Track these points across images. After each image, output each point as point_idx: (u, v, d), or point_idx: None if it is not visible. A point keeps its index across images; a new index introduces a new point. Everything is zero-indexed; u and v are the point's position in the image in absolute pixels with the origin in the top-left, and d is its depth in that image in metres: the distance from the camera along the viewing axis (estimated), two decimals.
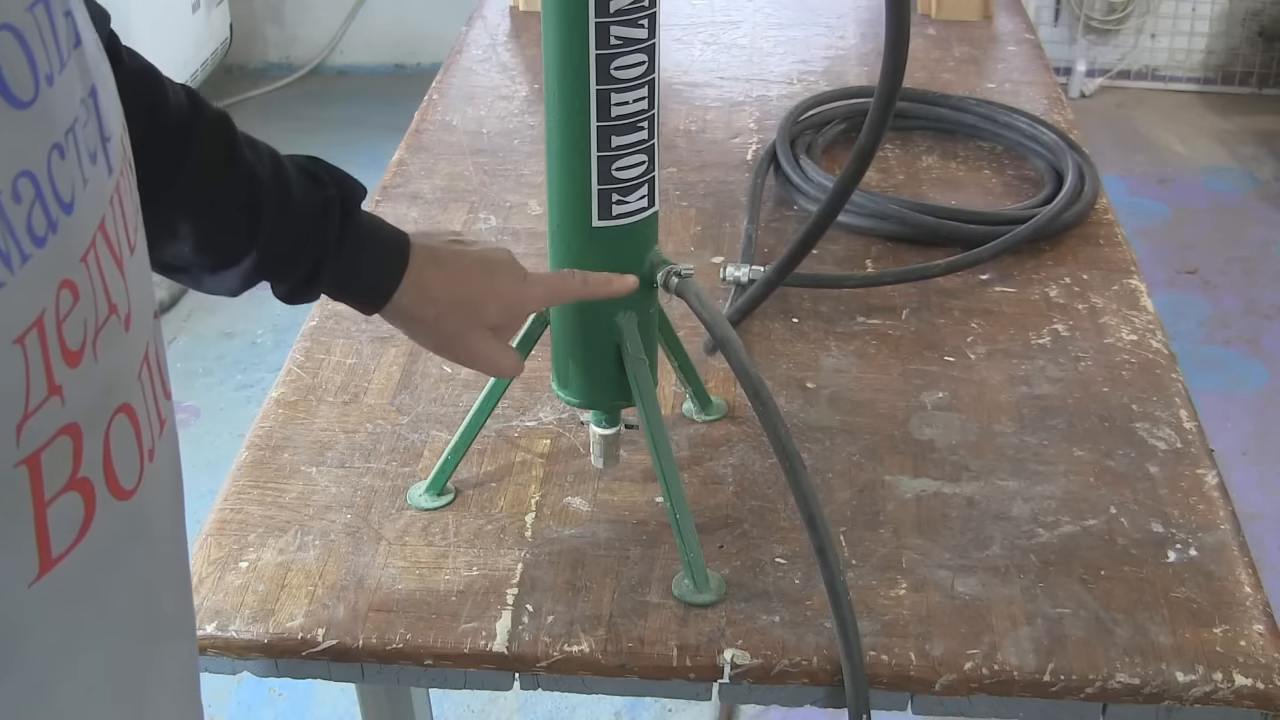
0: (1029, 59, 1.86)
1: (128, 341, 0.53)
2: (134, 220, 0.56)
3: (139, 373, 0.54)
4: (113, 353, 0.51)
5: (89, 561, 0.50)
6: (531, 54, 1.89)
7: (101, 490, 0.50)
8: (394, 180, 1.51)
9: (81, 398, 0.48)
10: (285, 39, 4.26)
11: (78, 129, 0.49)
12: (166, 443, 0.58)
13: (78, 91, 0.50)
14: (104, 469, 0.50)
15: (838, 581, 0.86)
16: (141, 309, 0.55)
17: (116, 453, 0.51)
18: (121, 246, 0.53)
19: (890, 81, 0.91)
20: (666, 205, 1.44)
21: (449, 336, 0.93)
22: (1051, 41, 3.96)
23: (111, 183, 0.52)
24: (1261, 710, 0.86)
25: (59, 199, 0.47)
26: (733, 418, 1.11)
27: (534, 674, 0.90)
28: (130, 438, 0.53)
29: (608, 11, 0.82)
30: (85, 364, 0.48)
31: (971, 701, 0.88)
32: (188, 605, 0.66)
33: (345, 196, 0.88)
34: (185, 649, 0.65)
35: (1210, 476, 1.04)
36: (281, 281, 0.88)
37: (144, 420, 0.54)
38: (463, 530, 1.00)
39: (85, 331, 0.48)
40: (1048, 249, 1.36)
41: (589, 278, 0.93)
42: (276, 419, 1.12)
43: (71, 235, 0.48)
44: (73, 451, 0.48)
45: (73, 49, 0.50)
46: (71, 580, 0.49)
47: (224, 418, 2.64)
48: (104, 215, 0.51)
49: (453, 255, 0.92)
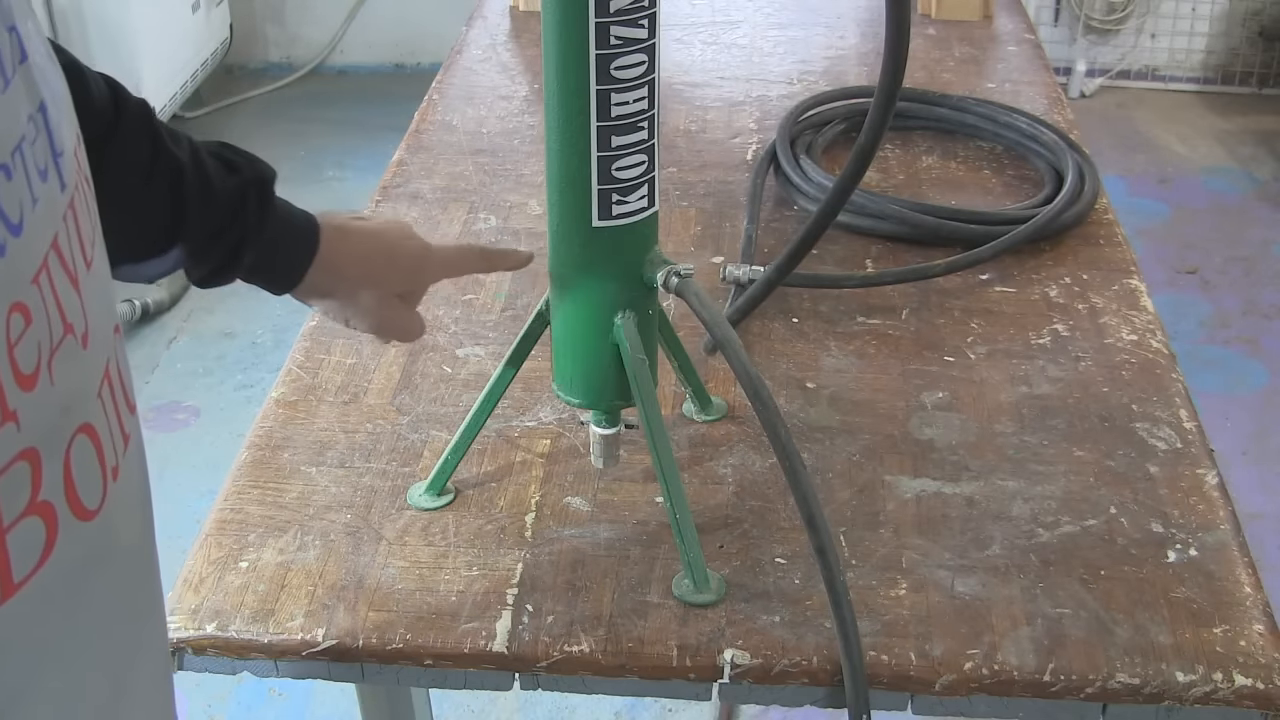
0: (1029, 59, 1.86)
1: (86, 360, 0.51)
2: (91, 235, 0.54)
3: (99, 391, 0.53)
4: (70, 373, 0.49)
5: (54, 584, 0.49)
6: (531, 54, 1.89)
7: (64, 512, 0.49)
8: (394, 180, 1.51)
9: (38, 421, 0.47)
10: (285, 39, 4.26)
11: (25, 147, 0.47)
12: (132, 458, 0.57)
13: (24, 108, 0.48)
14: (65, 491, 0.49)
15: (838, 581, 0.86)
16: (100, 325, 0.53)
17: (78, 474, 0.50)
18: (77, 263, 0.51)
19: (890, 81, 0.91)
20: (666, 205, 1.44)
21: (360, 309, 0.97)
22: (1051, 41, 3.96)
23: (65, 199, 0.51)
24: (1261, 710, 0.86)
25: (5, 221, 0.45)
26: (733, 418, 1.11)
27: (534, 674, 0.90)
28: (92, 458, 0.52)
29: (608, 11, 0.82)
30: (41, 387, 0.47)
31: (971, 701, 0.88)
32: (160, 617, 0.65)
33: (260, 181, 0.90)
34: (159, 659, 0.64)
35: (1210, 476, 1.04)
36: (200, 267, 0.90)
37: (106, 438, 0.53)
38: (463, 530, 1.00)
39: (39, 354, 0.47)
40: (1048, 249, 1.36)
41: (488, 252, 1.05)
42: (276, 419, 1.12)
43: (20, 257, 0.46)
44: (31, 476, 0.47)
45: (18, 65, 0.48)
46: (36, 604, 0.48)
47: (224, 418, 2.64)
48: (56, 233, 0.49)
49: (357, 230, 0.96)
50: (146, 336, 2.90)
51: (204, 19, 3.64)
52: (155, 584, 0.64)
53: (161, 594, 0.66)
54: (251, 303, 3.05)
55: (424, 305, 1.21)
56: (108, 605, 0.55)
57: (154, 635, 0.63)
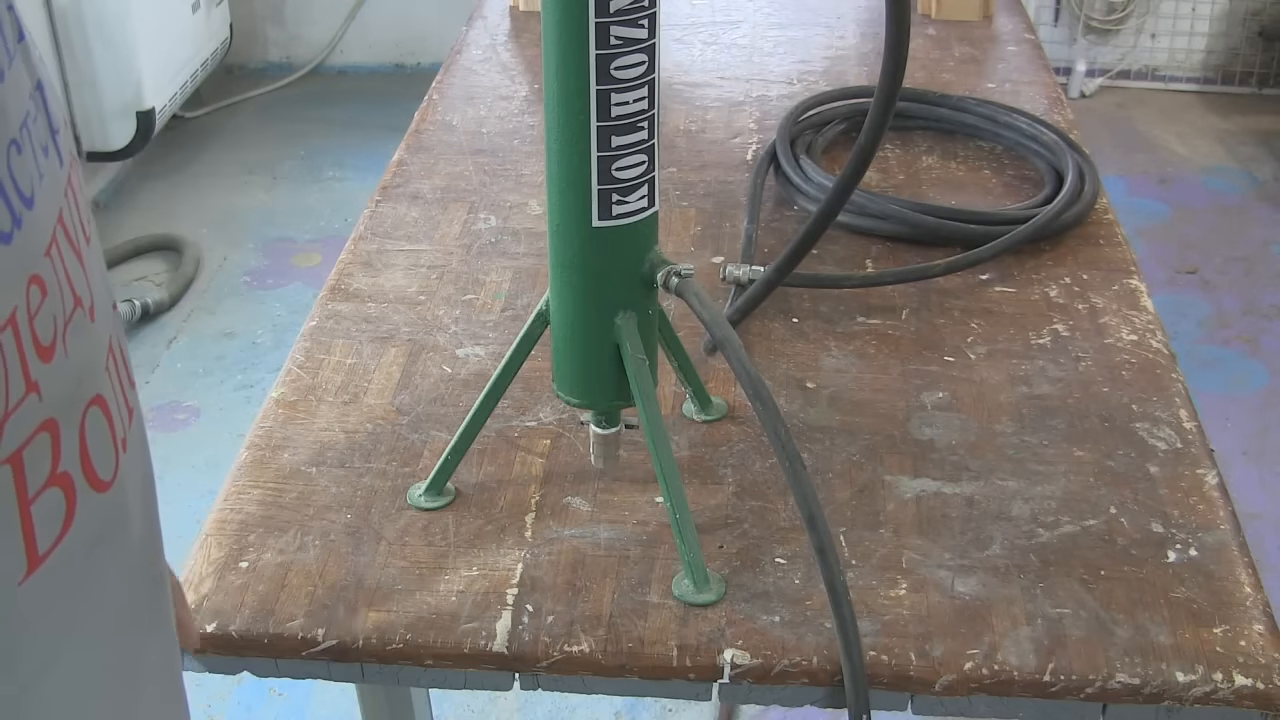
0: (1029, 59, 1.86)
1: (94, 332, 0.52)
2: (86, 211, 0.55)
3: (106, 363, 0.54)
4: (81, 345, 0.50)
5: (74, 555, 0.49)
6: (531, 54, 1.89)
7: (81, 483, 0.50)
8: (394, 180, 1.51)
9: (57, 392, 0.48)
10: (285, 39, 4.26)
11: (29, 124, 0.48)
12: (136, 432, 0.58)
13: (26, 86, 0.49)
14: (81, 462, 0.50)
15: (838, 581, 0.86)
16: (102, 299, 0.54)
17: (93, 445, 0.51)
18: (79, 238, 0.52)
19: (890, 81, 0.91)
20: (666, 205, 1.44)
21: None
22: (1051, 41, 3.96)
23: (64, 175, 0.52)
24: (1261, 710, 0.86)
25: (20, 194, 0.46)
26: (733, 418, 1.11)
27: (534, 674, 0.90)
28: (104, 429, 0.52)
29: (608, 11, 0.82)
30: (58, 358, 0.48)
31: (971, 701, 0.88)
32: (165, 593, 0.65)
33: None
34: (168, 637, 0.65)
35: (1210, 476, 1.04)
36: None
37: (115, 410, 0.54)
38: (463, 530, 1.00)
39: (55, 325, 0.48)
40: (1048, 249, 1.36)
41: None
42: (276, 419, 1.12)
43: (35, 230, 0.47)
44: (51, 446, 0.48)
45: (18, 43, 0.49)
46: (59, 576, 0.48)
47: (224, 418, 2.64)
48: (61, 208, 0.50)
49: None
50: (146, 336, 2.90)
51: (204, 19, 3.64)
52: (161, 562, 0.64)
53: (167, 575, 0.66)
54: (251, 303, 3.05)
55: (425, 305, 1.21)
56: (124, 580, 0.55)
57: (162, 614, 0.64)
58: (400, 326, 1.23)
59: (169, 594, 0.67)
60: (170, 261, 3.19)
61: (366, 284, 1.30)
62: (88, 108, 3.20)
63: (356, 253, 1.36)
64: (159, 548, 0.64)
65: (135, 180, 3.56)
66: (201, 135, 3.85)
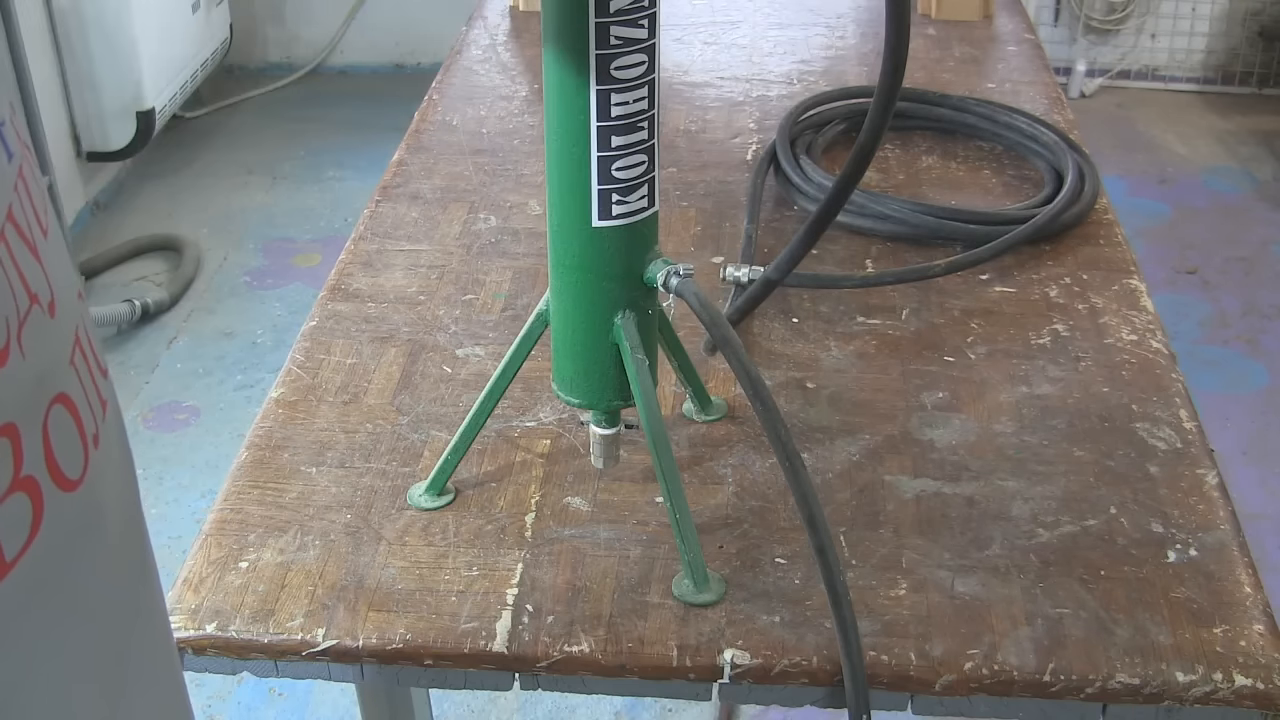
0: (1029, 59, 1.86)
1: (55, 329, 0.51)
2: (42, 202, 0.54)
3: (71, 358, 0.52)
4: (40, 344, 0.49)
5: (45, 559, 0.48)
6: (531, 54, 1.89)
7: (47, 485, 0.49)
8: (394, 180, 1.51)
9: (13, 396, 0.46)
10: (285, 39, 4.26)
11: None
12: (111, 424, 0.56)
13: None
14: (46, 464, 0.49)
15: (838, 581, 0.86)
16: (65, 292, 0.53)
17: (58, 445, 0.50)
18: (33, 231, 0.51)
19: (890, 81, 0.91)
20: (666, 205, 1.44)
21: None
22: (1051, 41, 3.96)
23: (13, 168, 0.50)
24: (1261, 710, 0.86)
25: None
26: (733, 418, 1.11)
27: (534, 674, 0.90)
28: (70, 427, 0.51)
29: (608, 11, 0.82)
30: (12, 361, 0.46)
31: (971, 702, 0.88)
32: (155, 586, 0.64)
33: None
34: (159, 634, 0.64)
35: (1210, 476, 1.04)
36: None
37: (83, 406, 0.52)
38: (463, 530, 1.00)
39: (7, 328, 0.46)
40: (1048, 249, 1.36)
41: None
42: (276, 419, 1.12)
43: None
44: (12, 452, 0.46)
45: None
46: (30, 581, 0.47)
47: (224, 418, 2.64)
48: (10, 204, 0.49)
49: None
50: (146, 336, 2.90)
51: (204, 19, 3.64)
52: (147, 556, 0.63)
53: (155, 568, 0.65)
54: (251, 303, 3.05)
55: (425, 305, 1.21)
56: (102, 578, 0.54)
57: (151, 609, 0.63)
58: (400, 326, 1.23)
59: (158, 588, 0.65)
60: (170, 261, 3.19)
61: (366, 284, 1.30)
62: (87, 108, 3.20)
63: (356, 253, 1.36)
64: (143, 542, 0.62)
65: (135, 180, 3.56)
66: (201, 135, 3.85)
